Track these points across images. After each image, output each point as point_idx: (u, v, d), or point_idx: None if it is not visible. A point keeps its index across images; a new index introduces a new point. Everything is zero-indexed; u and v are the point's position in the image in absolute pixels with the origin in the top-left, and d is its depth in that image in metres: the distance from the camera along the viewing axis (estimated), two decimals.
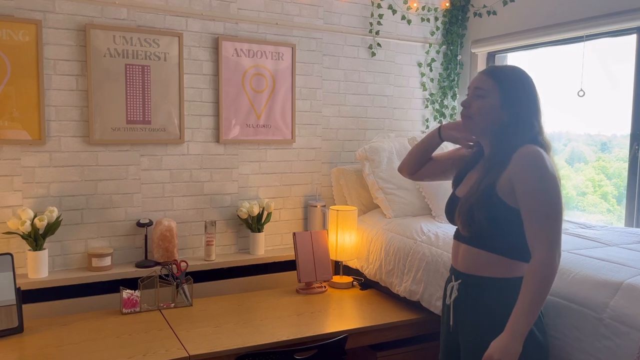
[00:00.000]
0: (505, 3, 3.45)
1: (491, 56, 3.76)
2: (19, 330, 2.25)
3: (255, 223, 3.05)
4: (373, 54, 3.51)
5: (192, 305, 2.61)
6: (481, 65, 3.77)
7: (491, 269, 1.63)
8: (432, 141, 1.92)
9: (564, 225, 2.65)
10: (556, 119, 3.29)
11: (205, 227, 2.94)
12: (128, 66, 2.77)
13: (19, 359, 2.04)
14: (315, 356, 2.06)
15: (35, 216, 2.52)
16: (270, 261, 3.08)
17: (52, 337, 2.21)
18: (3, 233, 2.52)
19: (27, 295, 2.45)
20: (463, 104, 1.69)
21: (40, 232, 2.53)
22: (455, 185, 1.83)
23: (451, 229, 2.59)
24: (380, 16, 3.49)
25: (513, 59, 3.72)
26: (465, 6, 3.76)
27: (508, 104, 1.60)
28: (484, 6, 3.62)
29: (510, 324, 1.52)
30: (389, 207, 3.04)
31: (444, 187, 2.93)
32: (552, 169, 1.55)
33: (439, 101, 3.80)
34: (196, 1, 2.93)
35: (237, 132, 3.08)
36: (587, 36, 3.01)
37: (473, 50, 3.73)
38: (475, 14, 3.70)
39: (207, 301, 2.69)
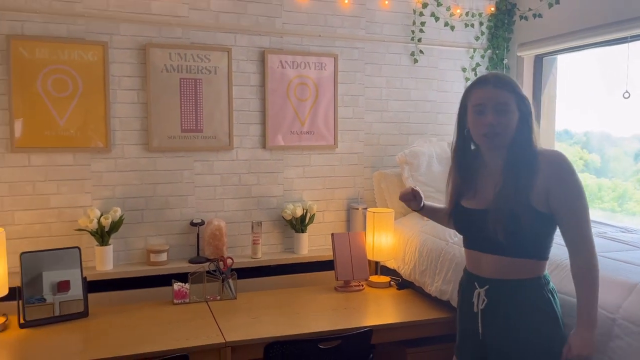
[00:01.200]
0: (550, 5, 3.43)
1: (538, 59, 3.74)
2: (84, 314, 2.57)
3: (299, 224, 3.24)
4: (415, 61, 3.60)
5: (236, 299, 2.84)
6: (528, 69, 3.76)
7: (522, 272, 1.71)
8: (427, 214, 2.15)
9: (603, 229, 2.65)
10: (601, 120, 3.24)
11: (252, 227, 3.17)
12: (182, 80, 3.06)
13: (83, 339, 2.35)
14: (340, 347, 2.20)
15: (101, 215, 2.85)
16: (312, 260, 3.26)
17: (112, 322, 2.51)
18: (75, 230, 2.87)
19: (95, 285, 2.77)
20: (488, 123, 1.68)
21: (106, 229, 2.85)
22: (457, 198, 1.84)
23: None
24: (423, 24, 3.58)
25: (561, 61, 3.68)
26: (512, 10, 3.76)
27: (523, 112, 1.70)
28: (529, 9, 3.62)
29: (582, 319, 1.65)
30: None
31: None
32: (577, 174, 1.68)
33: None
34: (244, 18, 3.18)
35: (282, 138, 3.28)
36: (631, 37, 2.96)
37: (519, 54, 3.72)
38: (521, 17, 3.70)
39: (251, 295, 2.91)
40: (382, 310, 2.74)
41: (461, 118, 1.83)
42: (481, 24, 3.77)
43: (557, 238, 2.45)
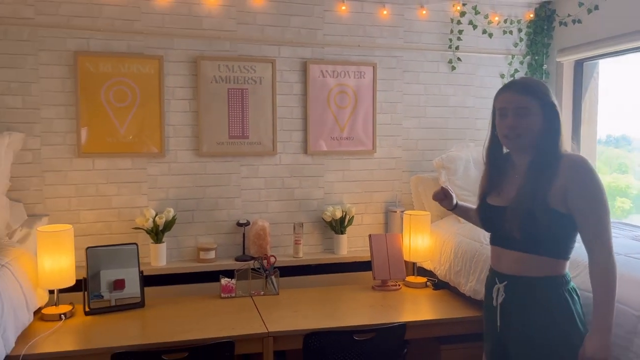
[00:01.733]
0: (589, 11, 3.46)
1: (578, 64, 3.76)
2: (141, 305, 2.81)
3: (339, 226, 3.40)
4: (453, 68, 3.70)
5: (278, 294, 3.02)
6: (567, 74, 3.78)
7: (538, 270, 1.76)
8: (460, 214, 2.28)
9: (635, 232, 2.67)
10: None
11: (294, 228, 3.34)
12: (230, 90, 3.28)
13: (140, 325, 2.59)
14: (375, 339, 2.33)
15: (156, 215, 3.09)
16: (351, 260, 3.40)
17: (166, 312, 2.74)
18: (133, 228, 3.13)
19: (150, 279, 3.01)
20: (509, 126, 1.78)
21: (160, 228, 3.10)
22: (486, 194, 1.94)
23: None
24: (460, 32, 3.68)
25: (602, 66, 3.69)
26: (551, 16, 3.80)
27: (550, 116, 1.76)
28: (569, 15, 3.65)
29: (598, 323, 1.68)
30: None
31: None
32: (599, 175, 1.71)
33: None
34: (287, 31, 3.37)
35: (323, 144, 3.45)
36: None
37: (558, 59, 3.76)
38: (560, 23, 3.74)
39: (292, 292, 3.08)
40: (417, 308, 2.85)
41: (493, 121, 1.93)
42: (520, 30, 3.82)
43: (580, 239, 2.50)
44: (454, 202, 2.22)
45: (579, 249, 2.33)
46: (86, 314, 2.69)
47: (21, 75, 2.96)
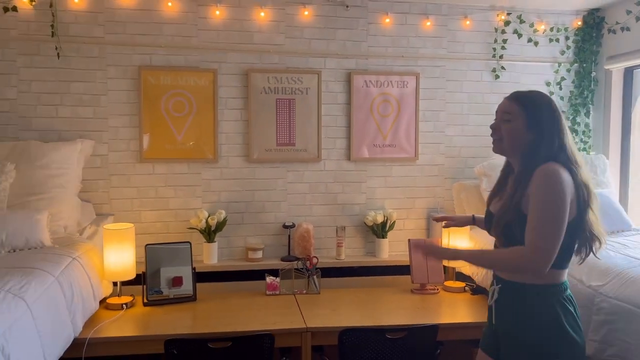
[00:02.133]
0: (638, 19, 3.42)
1: (628, 72, 3.71)
2: (193, 298, 3.06)
3: (380, 230, 3.53)
4: (497, 77, 3.75)
5: (319, 293, 3.19)
6: (616, 82, 3.74)
7: (526, 276, 1.76)
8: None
9: None
10: None
11: (337, 231, 3.50)
12: (278, 100, 3.49)
13: (191, 317, 2.83)
14: (406, 338, 2.45)
15: (209, 216, 3.34)
16: (392, 264, 3.52)
17: (215, 305, 2.97)
18: (188, 228, 3.39)
19: (202, 276, 3.26)
20: (492, 127, 1.86)
21: (212, 229, 3.34)
22: (490, 201, 1.98)
23: None
24: (505, 41, 3.72)
25: None
26: (600, 23, 3.78)
27: (533, 125, 1.76)
28: (617, 22, 3.62)
29: (461, 250, 1.84)
30: None
31: None
32: (563, 181, 1.67)
33: (570, 118, 3.85)
34: (333, 43, 3.55)
35: (366, 151, 3.60)
36: None
37: (607, 67, 3.72)
38: (609, 31, 3.70)
39: (333, 292, 3.24)
40: (452, 311, 2.93)
41: None
42: (567, 38, 3.82)
43: (620, 248, 2.52)
44: (469, 217, 2.28)
45: (610, 259, 2.36)
46: (145, 305, 2.96)
47: (92, 89, 3.29)
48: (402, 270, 3.48)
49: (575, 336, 1.74)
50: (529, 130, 1.77)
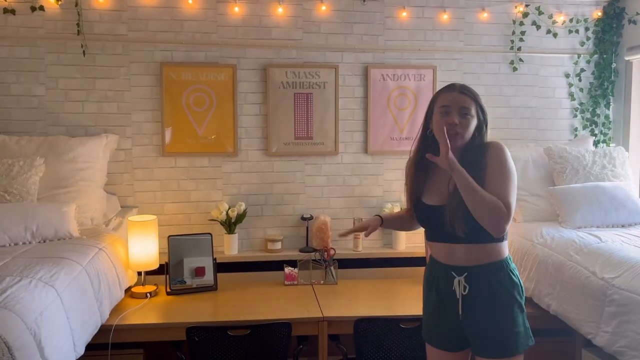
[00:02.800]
0: None
1: None
2: (214, 288, 3.16)
3: None
4: (515, 69, 3.74)
5: (336, 284, 3.26)
6: (637, 73, 3.70)
7: (489, 256, 1.85)
8: (387, 226, 2.21)
9: None
10: None
11: (354, 223, 3.56)
12: (296, 94, 3.55)
13: (213, 305, 2.94)
14: (420, 328, 2.50)
15: (229, 208, 3.43)
16: (409, 256, 3.57)
17: (235, 295, 3.07)
18: (209, 220, 3.49)
19: (223, 266, 3.36)
20: (452, 123, 1.82)
21: (232, 220, 3.43)
22: (418, 195, 1.95)
23: (568, 233, 2.79)
24: (523, 33, 3.71)
25: None
26: (620, 14, 3.73)
27: (482, 114, 1.90)
28: (637, 13, 3.58)
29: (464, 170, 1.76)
30: (519, 212, 3.29)
31: (573, 195, 3.09)
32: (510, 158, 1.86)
33: (590, 110, 3.83)
34: (350, 37, 3.59)
35: (383, 144, 3.64)
36: None
37: (627, 58, 3.68)
38: (630, 21, 3.66)
39: (350, 282, 3.31)
40: None
41: (427, 120, 1.96)
42: (587, 29, 3.78)
43: (636, 241, 2.53)
44: (380, 222, 2.12)
45: (624, 251, 2.37)
46: (168, 294, 3.08)
47: (116, 85, 3.40)
48: (418, 261, 3.53)
49: (522, 301, 1.90)
50: (479, 119, 1.89)
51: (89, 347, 2.31)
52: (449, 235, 1.86)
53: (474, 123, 1.86)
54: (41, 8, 3.27)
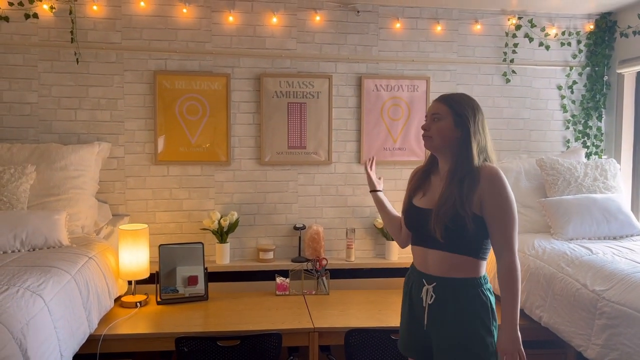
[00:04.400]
0: None
1: None
2: (204, 298, 3.14)
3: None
4: (507, 81, 3.76)
5: (328, 294, 3.25)
6: (629, 86, 3.73)
7: (462, 270, 1.84)
8: (375, 200, 2.33)
9: None
10: None
11: (347, 233, 3.56)
12: (290, 104, 3.56)
13: (203, 315, 2.91)
14: None
15: (221, 217, 3.42)
16: (402, 266, 3.55)
17: (226, 305, 3.05)
18: (201, 229, 3.47)
19: (214, 276, 3.34)
20: (423, 128, 1.93)
21: (225, 230, 3.42)
22: (411, 196, 2.00)
23: (559, 245, 2.80)
24: (516, 45, 3.73)
25: None
26: (612, 27, 3.77)
27: (460, 123, 1.86)
28: (629, 27, 3.61)
29: (507, 319, 1.78)
30: None
31: (564, 207, 3.09)
32: (509, 186, 1.82)
33: (582, 122, 3.85)
34: (344, 48, 3.60)
35: (376, 154, 3.64)
36: None
37: (619, 71, 3.71)
38: (622, 35, 3.69)
39: (342, 293, 3.29)
40: None
41: None
42: (579, 42, 3.82)
43: (627, 253, 2.53)
44: (378, 186, 2.35)
45: (615, 263, 2.38)
46: (158, 303, 3.05)
47: (109, 93, 3.40)
48: None
49: (494, 324, 1.84)
50: (456, 127, 1.87)
51: (77, 357, 2.29)
52: (428, 239, 1.87)
53: (447, 127, 1.87)
54: (35, 16, 3.27)
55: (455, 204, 1.80)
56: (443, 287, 1.85)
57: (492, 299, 1.85)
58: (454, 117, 1.87)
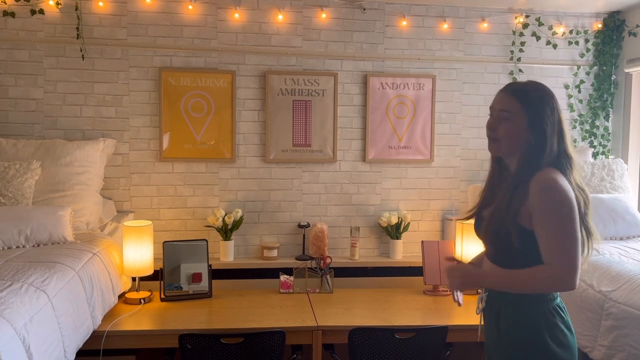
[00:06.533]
0: None
1: None
2: (208, 295, 3.14)
3: (394, 231, 3.55)
4: (514, 80, 3.73)
5: (332, 292, 3.24)
6: (637, 85, 3.70)
7: None
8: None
9: None
10: None
11: (351, 231, 3.54)
12: (295, 101, 3.55)
13: (207, 313, 2.91)
14: (416, 339, 2.48)
15: (225, 215, 3.41)
16: (406, 265, 3.55)
17: (230, 302, 3.05)
18: (205, 226, 3.47)
19: (218, 273, 3.33)
20: (488, 127, 1.69)
21: (229, 227, 3.41)
22: (484, 205, 1.80)
23: None
24: (523, 44, 3.71)
25: None
26: (620, 26, 3.74)
27: (534, 125, 1.59)
28: (637, 25, 3.58)
29: (484, 273, 1.68)
30: None
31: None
32: (566, 191, 1.56)
33: (589, 121, 3.82)
34: (350, 45, 3.59)
35: (381, 152, 3.62)
36: None
37: (627, 70, 3.68)
38: (630, 34, 3.66)
39: (346, 291, 3.28)
40: (463, 313, 2.94)
41: None
42: (587, 41, 3.78)
43: (634, 254, 2.51)
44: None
45: (622, 264, 2.36)
46: (162, 300, 3.05)
47: (114, 89, 3.39)
48: (415, 271, 3.50)
49: (558, 349, 1.61)
50: (529, 130, 1.60)
51: (80, 353, 2.29)
52: (485, 248, 1.75)
53: (515, 128, 1.61)
54: (41, 11, 3.27)
55: (503, 215, 1.61)
56: (492, 298, 1.70)
57: (560, 316, 1.64)
58: (528, 118, 1.59)
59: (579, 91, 3.80)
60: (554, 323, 1.61)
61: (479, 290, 1.80)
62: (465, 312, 2.97)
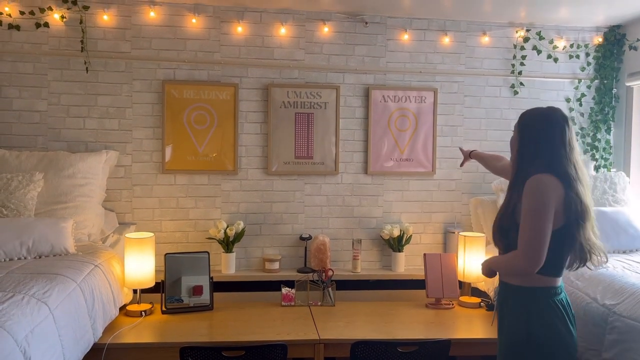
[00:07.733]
0: None
1: None
2: (210, 307, 3.12)
3: (396, 244, 3.54)
4: (515, 93, 3.75)
5: (334, 305, 3.22)
6: (638, 98, 3.71)
7: (518, 279, 1.94)
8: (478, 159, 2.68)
9: None
10: None
11: (353, 244, 3.54)
12: (297, 114, 3.56)
13: (208, 325, 2.89)
14: (418, 353, 2.46)
15: (227, 227, 3.41)
16: (408, 278, 3.53)
17: (231, 315, 3.02)
18: (206, 238, 3.46)
19: (220, 285, 3.32)
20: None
21: (231, 239, 3.41)
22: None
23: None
24: (524, 57, 3.73)
25: None
26: (621, 40, 3.76)
27: (521, 137, 1.96)
28: (638, 39, 3.60)
29: (495, 259, 2.05)
30: None
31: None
32: (544, 192, 1.81)
33: (590, 135, 3.83)
34: (352, 59, 3.61)
35: (383, 165, 3.63)
36: None
37: (628, 84, 3.70)
38: (630, 47, 3.68)
39: (348, 304, 3.26)
40: (466, 327, 2.93)
41: None
42: (588, 54, 3.81)
43: (637, 267, 2.49)
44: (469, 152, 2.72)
45: (625, 277, 2.34)
46: (163, 312, 3.04)
47: (118, 102, 3.41)
48: (417, 284, 3.49)
49: (566, 334, 1.87)
50: (519, 141, 1.97)
51: None
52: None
53: (513, 139, 2.02)
54: (46, 25, 3.30)
55: (503, 215, 1.95)
56: (504, 290, 2.02)
57: (562, 309, 1.89)
58: (518, 132, 1.99)
59: (580, 104, 3.82)
60: (549, 315, 1.87)
61: (496, 285, 2.14)
62: (468, 326, 2.96)
